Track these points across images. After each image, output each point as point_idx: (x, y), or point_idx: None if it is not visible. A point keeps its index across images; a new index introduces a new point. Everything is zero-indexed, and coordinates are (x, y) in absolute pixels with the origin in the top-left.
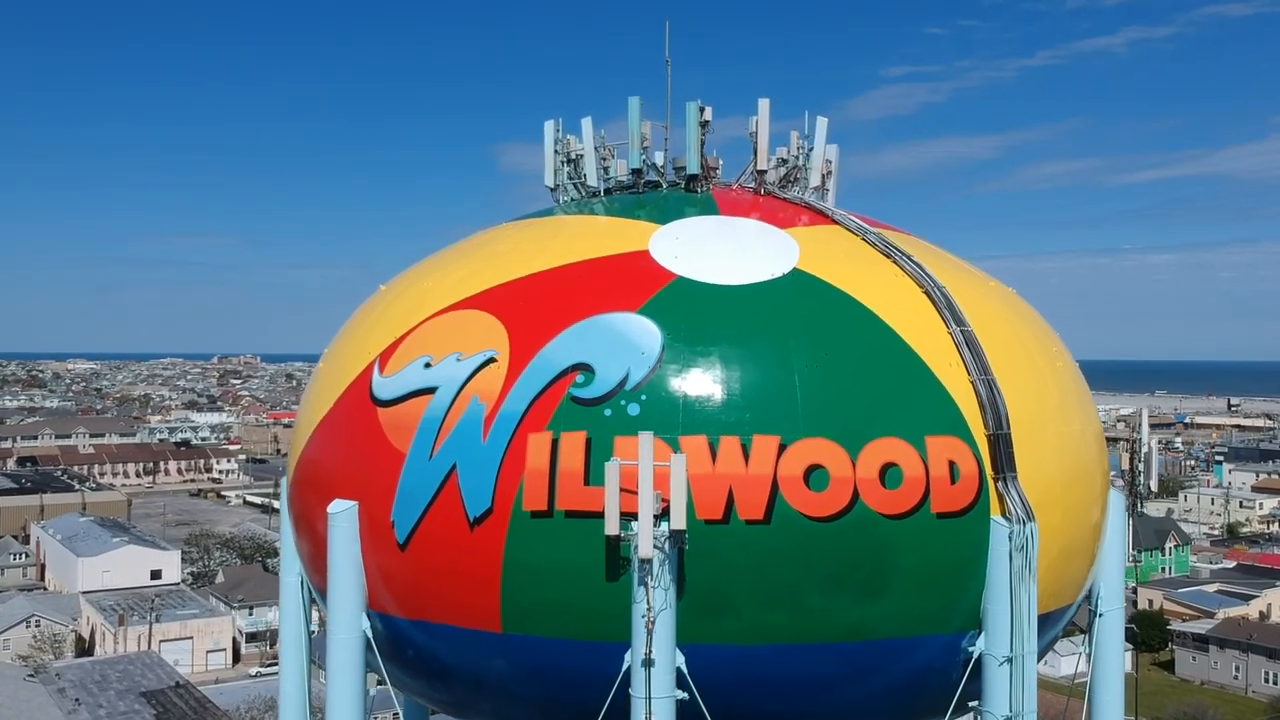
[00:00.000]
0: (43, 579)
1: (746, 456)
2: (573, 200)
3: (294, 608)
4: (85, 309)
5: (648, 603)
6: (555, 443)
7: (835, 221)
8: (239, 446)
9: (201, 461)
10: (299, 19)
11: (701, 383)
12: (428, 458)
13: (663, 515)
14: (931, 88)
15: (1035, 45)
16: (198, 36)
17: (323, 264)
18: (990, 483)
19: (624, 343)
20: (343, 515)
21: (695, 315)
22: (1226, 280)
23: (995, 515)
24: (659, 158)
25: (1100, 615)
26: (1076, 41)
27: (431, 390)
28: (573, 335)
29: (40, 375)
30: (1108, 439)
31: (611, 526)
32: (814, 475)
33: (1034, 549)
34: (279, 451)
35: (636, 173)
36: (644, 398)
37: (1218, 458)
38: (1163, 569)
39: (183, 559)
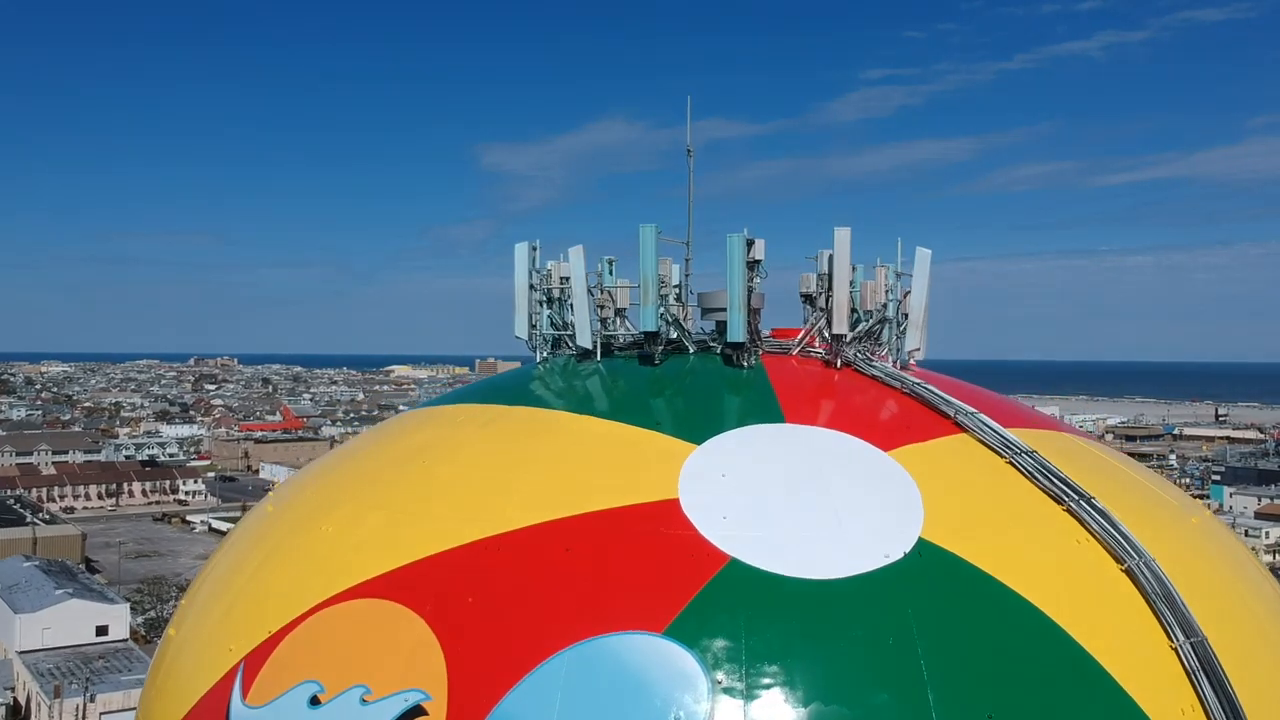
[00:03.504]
0: None
1: None
2: (554, 361)
3: None
4: (62, 309)
5: None
6: None
7: (961, 426)
8: (208, 462)
9: (167, 482)
10: (280, 16)
11: None
12: None
13: None
14: (909, 90)
15: (1012, 49)
16: (176, 34)
17: (302, 263)
18: None
19: (641, 692)
20: None
21: (764, 638)
22: (1201, 282)
23: None
24: (673, 271)
25: None
26: (1052, 45)
27: None
28: (554, 673)
29: (10, 380)
30: (1131, 436)
31: None
32: None
33: None
34: (249, 468)
35: (651, 335)
36: None
37: (1214, 477)
38: None
39: (134, 608)
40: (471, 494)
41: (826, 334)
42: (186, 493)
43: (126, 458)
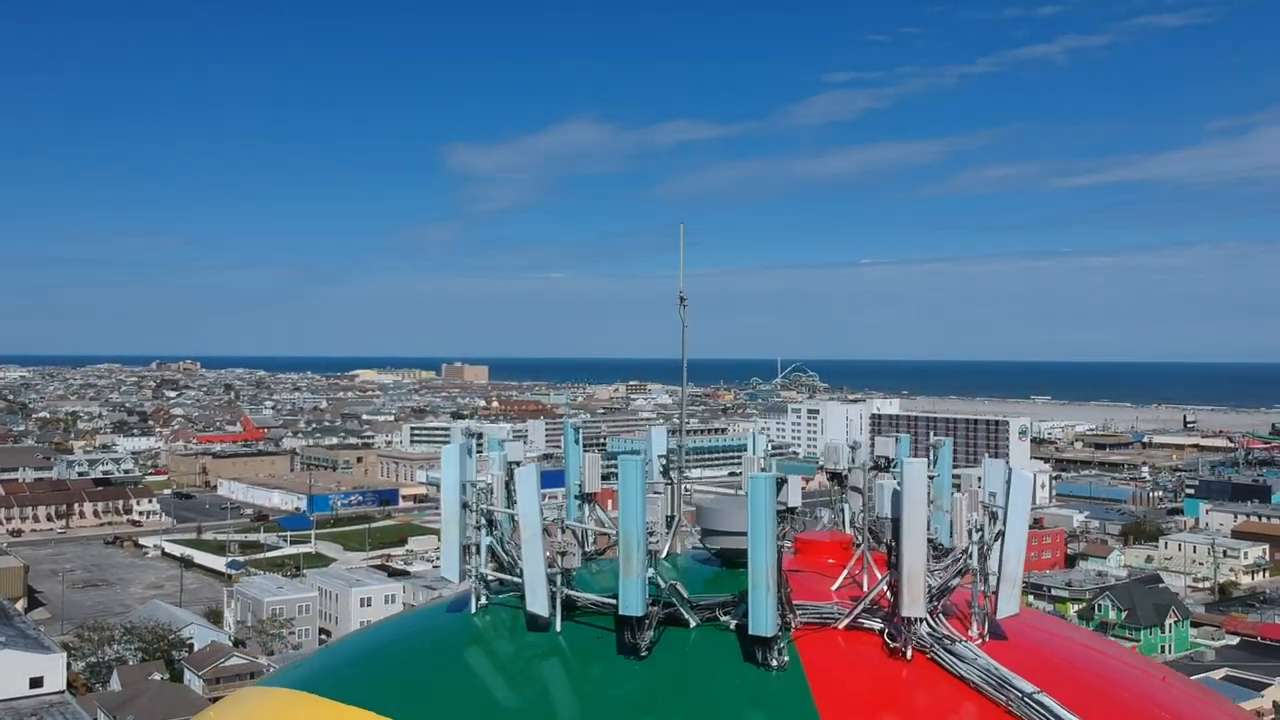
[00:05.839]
0: None
1: None
2: (494, 618)
3: None
4: (21, 311)
5: None
6: None
7: None
8: (165, 477)
9: (120, 502)
10: (242, 15)
11: None
12: None
13: None
14: (874, 93)
15: (975, 52)
16: (134, 33)
17: (268, 264)
18: None
19: None
20: None
21: None
22: (1161, 283)
23: None
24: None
25: None
26: (1015, 49)
27: None
28: None
29: None
30: (1101, 445)
31: None
32: None
33: None
34: (207, 483)
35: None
36: None
37: (1188, 490)
38: (1162, 648)
39: (74, 653)
40: None
41: (888, 593)
42: (140, 513)
43: (79, 474)
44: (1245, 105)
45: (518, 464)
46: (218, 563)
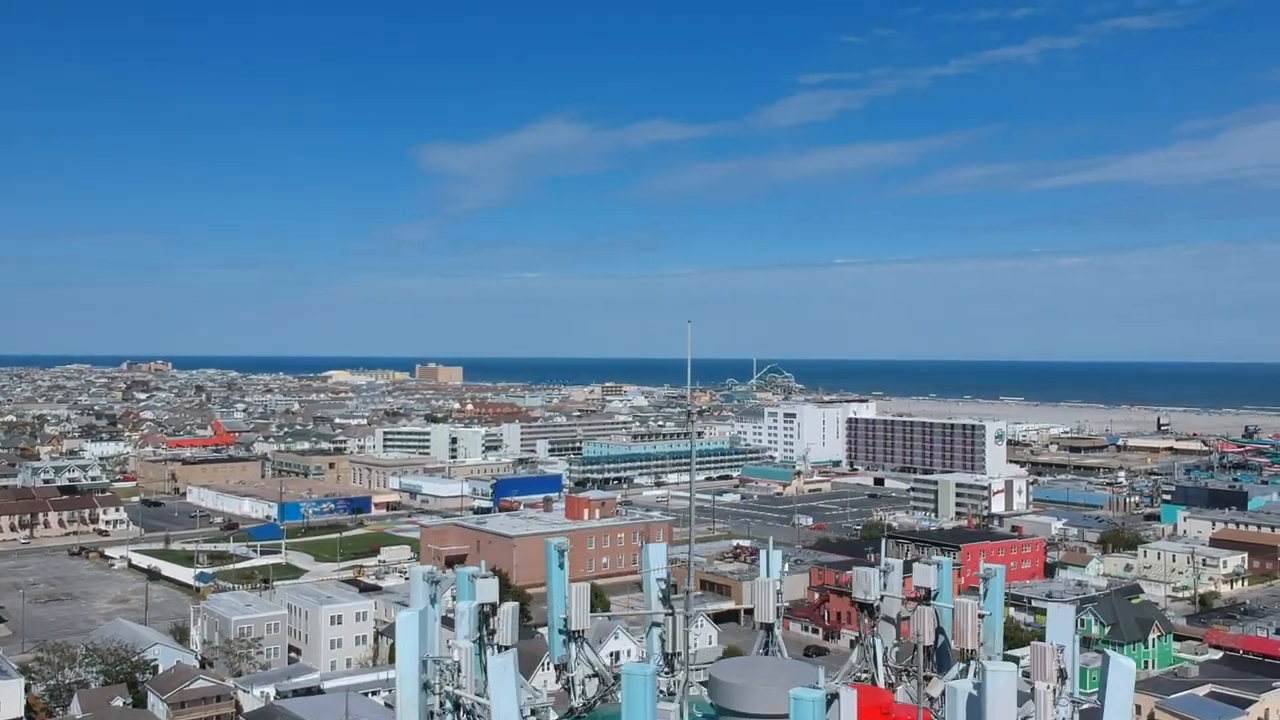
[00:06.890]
0: None
1: None
2: None
3: None
4: None
5: None
6: None
7: None
8: (134, 484)
9: (86, 511)
10: (221, 15)
11: None
12: None
13: None
14: (848, 95)
15: (948, 54)
16: (116, 31)
17: (240, 264)
18: None
19: None
20: None
21: None
22: (1132, 283)
23: None
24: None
25: None
26: (988, 51)
27: None
28: None
29: None
30: (1076, 448)
31: None
32: None
33: None
34: (176, 490)
35: None
36: None
37: (1164, 496)
38: (1146, 664)
39: (34, 676)
40: None
41: None
42: (107, 522)
43: (45, 481)
44: (1215, 108)
45: (492, 606)
46: (186, 574)
